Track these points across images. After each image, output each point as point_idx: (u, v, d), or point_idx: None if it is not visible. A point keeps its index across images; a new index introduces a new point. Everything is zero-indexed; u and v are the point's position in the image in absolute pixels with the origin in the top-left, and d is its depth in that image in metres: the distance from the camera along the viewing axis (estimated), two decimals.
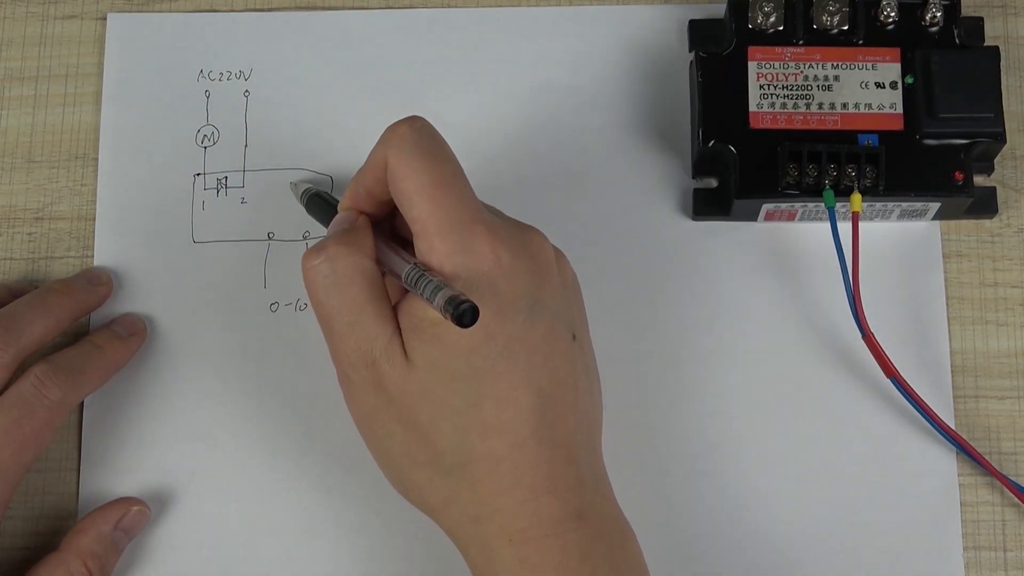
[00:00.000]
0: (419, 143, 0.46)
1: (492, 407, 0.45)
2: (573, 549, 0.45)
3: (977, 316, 0.55)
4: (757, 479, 0.54)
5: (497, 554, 0.45)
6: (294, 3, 0.59)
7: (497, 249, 0.45)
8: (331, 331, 0.47)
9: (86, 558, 0.51)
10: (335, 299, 0.46)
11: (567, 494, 0.46)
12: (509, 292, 0.45)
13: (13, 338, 0.51)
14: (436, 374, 0.45)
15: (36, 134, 0.58)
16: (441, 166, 0.46)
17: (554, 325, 0.46)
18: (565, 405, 0.46)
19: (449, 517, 0.47)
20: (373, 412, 0.47)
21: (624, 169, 0.57)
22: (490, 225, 0.46)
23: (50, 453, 0.54)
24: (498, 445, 0.45)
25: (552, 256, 0.48)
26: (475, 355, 0.45)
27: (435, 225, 0.45)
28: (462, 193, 0.46)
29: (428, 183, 0.45)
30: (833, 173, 0.53)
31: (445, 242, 0.45)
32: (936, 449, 0.54)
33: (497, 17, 0.59)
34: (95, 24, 0.59)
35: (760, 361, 0.55)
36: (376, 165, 0.47)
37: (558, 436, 0.46)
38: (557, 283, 0.48)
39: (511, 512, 0.45)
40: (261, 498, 0.54)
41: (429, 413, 0.46)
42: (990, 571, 0.53)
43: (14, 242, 0.57)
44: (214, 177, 0.57)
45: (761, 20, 0.55)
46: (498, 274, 0.45)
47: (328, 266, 0.46)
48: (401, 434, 0.46)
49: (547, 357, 0.46)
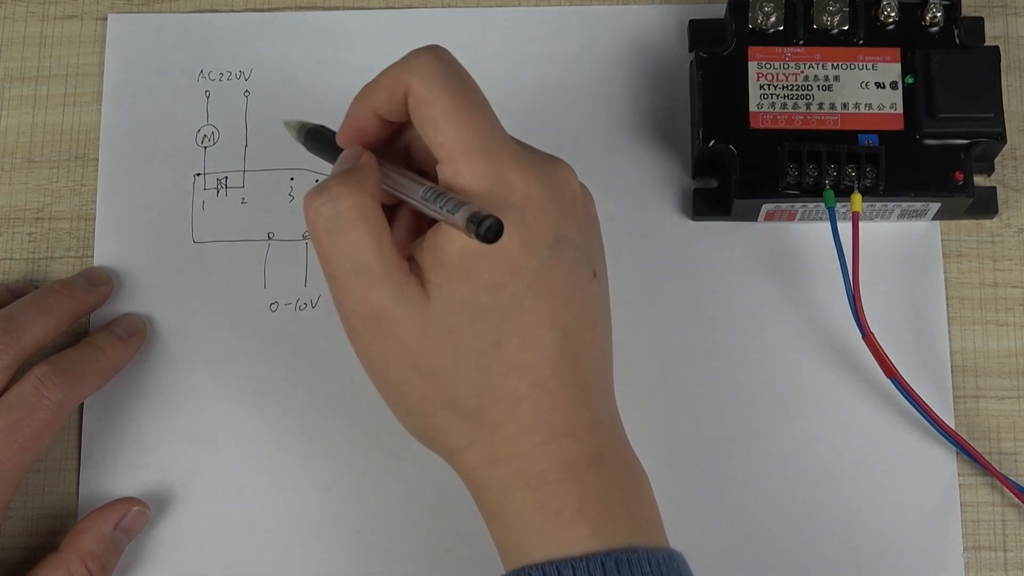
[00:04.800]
0: (445, 69, 0.44)
1: (515, 345, 0.44)
2: (591, 492, 0.44)
3: (977, 316, 0.55)
4: (757, 479, 0.54)
5: (513, 497, 0.45)
6: (294, 3, 0.59)
7: (527, 179, 0.44)
8: (334, 276, 0.45)
9: (86, 558, 0.51)
10: (338, 240, 0.44)
11: (585, 436, 0.45)
12: (536, 225, 0.44)
13: (13, 339, 0.51)
14: (460, 313, 0.44)
15: (36, 134, 0.58)
16: (468, 92, 0.44)
17: (578, 261, 0.46)
18: (584, 344, 0.46)
19: (466, 460, 0.46)
20: (384, 360, 0.46)
21: (624, 169, 0.57)
22: (519, 154, 0.44)
23: (50, 453, 0.54)
24: (519, 384, 0.44)
25: (579, 191, 0.47)
26: (502, 290, 0.44)
27: (462, 149, 0.43)
28: (490, 120, 0.44)
29: (454, 108, 0.43)
30: (833, 173, 0.53)
31: (473, 166, 0.43)
32: (936, 449, 0.54)
33: (497, 17, 0.59)
34: (95, 24, 0.59)
35: (760, 361, 0.55)
36: (393, 86, 0.45)
37: (577, 377, 0.45)
38: (582, 218, 0.46)
39: (530, 455, 0.44)
40: (261, 498, 0.54)
41: (450, 356, 0.44)
42: (990, 571, 0.53)
43: (14, 242, 0.57)
44: (214, 177, 0.57)
45: (761, 20, 0.55)
46: (526, 205, 0.44)
47: (331, 207, 0.44)
48: (417, 380, 0.45)
49: (570, 294, 0.45)
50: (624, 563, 0.43)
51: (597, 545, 0.44)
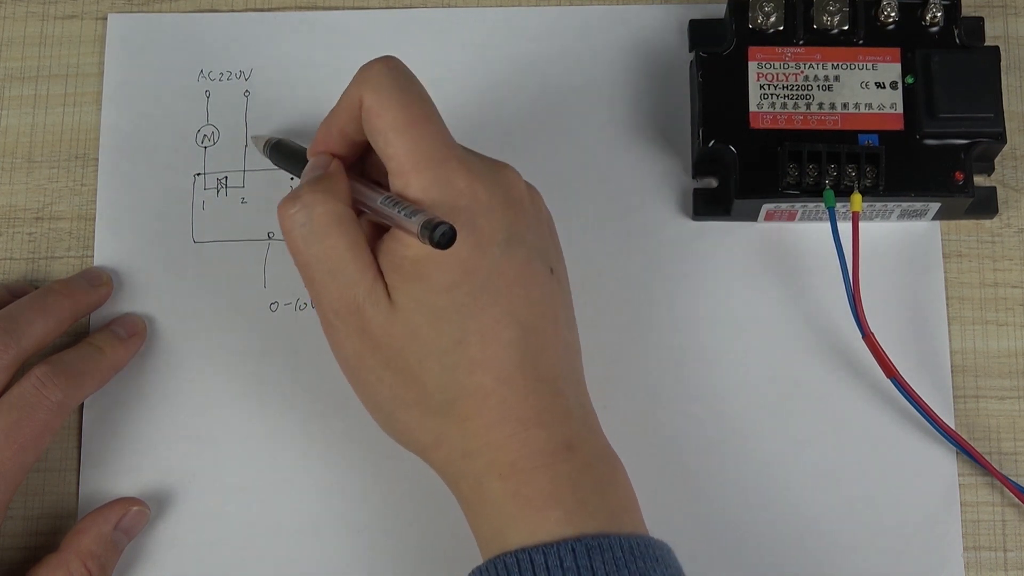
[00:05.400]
0: (394, 81, 0.46)
1: (477, 342, 0.46)
2: (563, 480, 0.45)
3: (977, 316, 0.55)
4: (757, 479, 0.54)
5: (488, 487, 0.46)
6: (294, 3, 0.59)
7: (473, 184, 0.46)
8: (312, 280, 0.47)
9: (86, 558, 0.51)
10: (314, 247, 0.46)
11: (555, 426, 0.46)
12: (486, 227, 0.46)
13: (13, 339, 0.51)
14: (421, 313, 0.45)
15: (36, 134, 0.58)
16: (416, 104, 0.46)
17: (531, 258, 0.47)
18: (547, 337, 0.47)
19: (439, 455, 0.47)
20: (359, 358, 0.47)
21: (624, 169, 0.57)
22: (465, 161, 0.46)
23: (50, 453, 0.54)
24: (485, 380, 0.46)
25: (524, 191, 0.48)
26: (457, 291, 0.45)
27: (411, 161, 0.45)
28: (437, 130, 0.46)
29: (403, 120, 0.45)
30: (833, 173, 0.53)
31: (422, 177, 0.45)
32: (936, 449, 0.54)
33: (497, 17, 0.59)
34: (95, 24, 0.59)
35: (760, 361, 0.55)
36: (350, 104, 0.47)
37: (542, 369, 0.46)
38: (532, 217, 0.48)
39: (500, 446, 0.46)
40: (261, 498, 0.54)
41: (416, 354, 0.46)
42: (990, 571, 0.53)
43: (14, 242, 0.57)
44: (214, 177, 0.57)
45: (761, 20, 0.55)
46: (475, 209, 0.45)
47: (305, 214, 0.46)
48: (389, 378, 0.47)
49: (527, 290, 0.46)
50: (595, 548, 0.44)
51: (570, 530, 0.44)
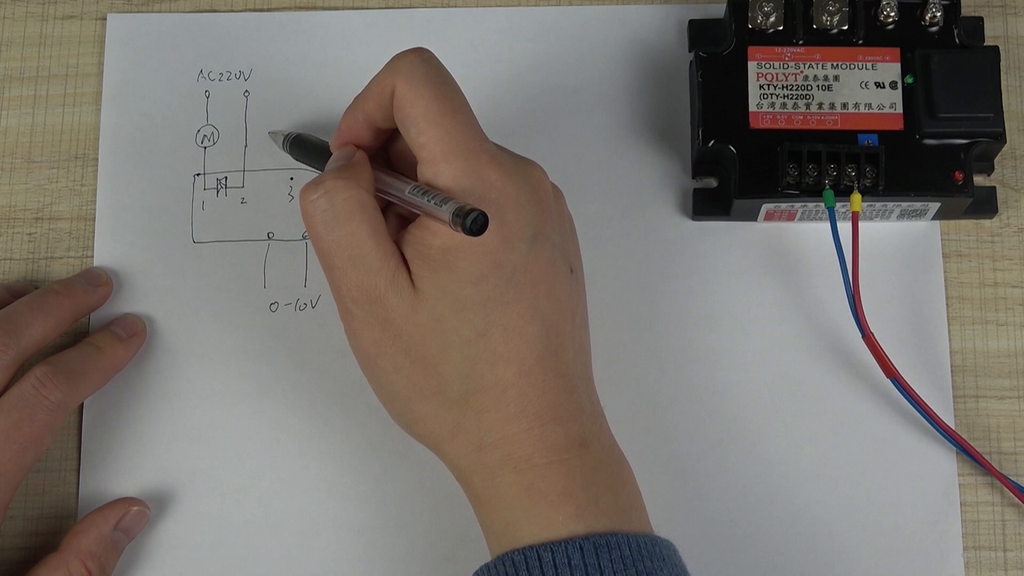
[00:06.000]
0: (428, 71, 0.46)
1: (500, 335, 0.46)
2: (576, 475, 0.45)
3: (977, 316, 0.55)
4: (756, 478, 0.54)
5: (501, 481, 0.46)
6: (294, 3, 0.59)
7: (503, 178, 0.46)
8: (332, 267, 0.47)
9: (86, 558, 0.51)
10: (335, 233, 0.46)
11: (570, 422, 0.46)
12: (515, 222, 0.46)
13: (13, 340, 0.51)
14: (446, 303, 0.46)
15: (36, 134, 0.58)
16: (449, 95, 0.46)
17: (555, 257, 0.47)
18: (565, 336, 0.47)
19: (453, 447, 0.47)
20: (378, 347, 0.47)
21: (624, 169, 0.57)
22: (496, 155, 0.46)
23: (50, 453, 0.54)
24: (505, 373, 0.46)
25: (551, 190, 0.49)
26: (484, 283, 0.45)
27: (442, 151, 0.45)
28: (469, 122, 0.46)
29: (436, 109, 0.46)
30: (833, 173, 0.53)
31: (452, 167, 0.45)
32: (936, 449, 0.54)
33: (497, 17, 0.59)
34: (95, 24, 0.59)
35: (760, 361, 0.55)
36: (381, 92, 0.47)
37: (560, 365, 0.47)
38: (556, 217, 0.48)
39: (516, 440, 0.46)
40: (261, 498, 0.54)
41: (439, 343, 0.46)
42: (990, 571, 0.53)
43: (14, 242, 0.57)
44: (214, 177, 0.57)
45: (761, 20, 0.55)
46: (504, 203, 0.46)
47: (327, 200, 0.46)
48: (408, 367, 0.47)
49: (550, 287, 0.47)
50: (603, 546, 0.44)
51: (581, 526, 0.45)
